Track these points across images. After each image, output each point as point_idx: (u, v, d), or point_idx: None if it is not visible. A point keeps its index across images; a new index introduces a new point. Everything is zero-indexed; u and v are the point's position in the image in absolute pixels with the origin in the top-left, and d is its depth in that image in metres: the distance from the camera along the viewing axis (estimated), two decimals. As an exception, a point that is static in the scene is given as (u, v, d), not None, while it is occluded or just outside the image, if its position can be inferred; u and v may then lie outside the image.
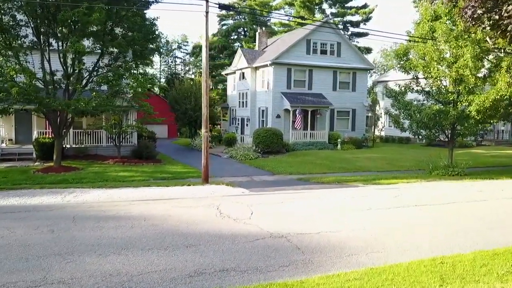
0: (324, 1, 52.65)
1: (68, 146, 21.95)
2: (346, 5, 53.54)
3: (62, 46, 17.88)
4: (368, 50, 53.96)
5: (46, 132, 21.66)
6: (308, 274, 6.46)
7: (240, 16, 55.94)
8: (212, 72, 50.93)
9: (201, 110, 16.54)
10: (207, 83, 16.02)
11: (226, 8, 21.71)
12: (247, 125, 32.97)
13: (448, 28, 17.68)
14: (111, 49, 18.98)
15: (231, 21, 57.74)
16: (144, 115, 22.32)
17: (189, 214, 10.39)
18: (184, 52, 68.82)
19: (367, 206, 11.70)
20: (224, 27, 57.40)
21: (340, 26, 47.70)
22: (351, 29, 52.18)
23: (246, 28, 56.63)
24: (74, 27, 17.30)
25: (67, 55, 17.92)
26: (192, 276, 6.31)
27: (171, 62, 69.34)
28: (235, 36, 57.90)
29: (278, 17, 57.17)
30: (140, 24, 19.06)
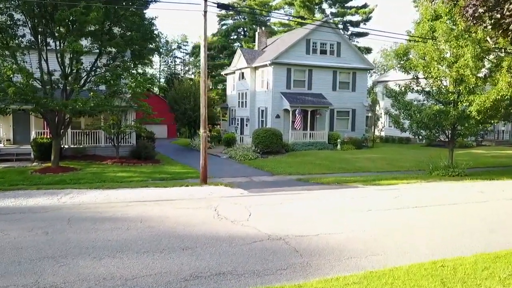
0: (324, 1, 52.51)
1: (66, 146, 21.84)
2: (346, 5, 53.40)
3: (60, 45, 17.76)
4: (368, 50, 53.83)
5: (44, 133, 21.55)
6: (306, 278, 6.34)
7: (239, 16, 55.81)
8: (212, 72, 50.81)
9: (200, 110, 16.43)
10: (205, 83, 15.91)
11: (225, 8, 21.63)
12: (247, 125, 32.84)
13: (448, 28, 17.57)
14: (109, 48, 18.88)
15: (230, 21, 57.62)
16: (143, 115, 22.25)
17: (186, 216, 10.27)
18: (183, 52, 68.82)
19: (367, 207, 11.58)
20: (223, 27, 57.27)
21: (340, 26, 47.52)
22: (351, 29, 52.06)
23: (245, 28, 56.51)
24: (72, 26, 17.17)
25: (64, 55, 17.84)
26: (188, 280, 6.19)
27: (171, 62, 69.25)
28: (235, 36, 57.77)
29: (278, 17, 57.13)
30: (139, 24, 18.94)
